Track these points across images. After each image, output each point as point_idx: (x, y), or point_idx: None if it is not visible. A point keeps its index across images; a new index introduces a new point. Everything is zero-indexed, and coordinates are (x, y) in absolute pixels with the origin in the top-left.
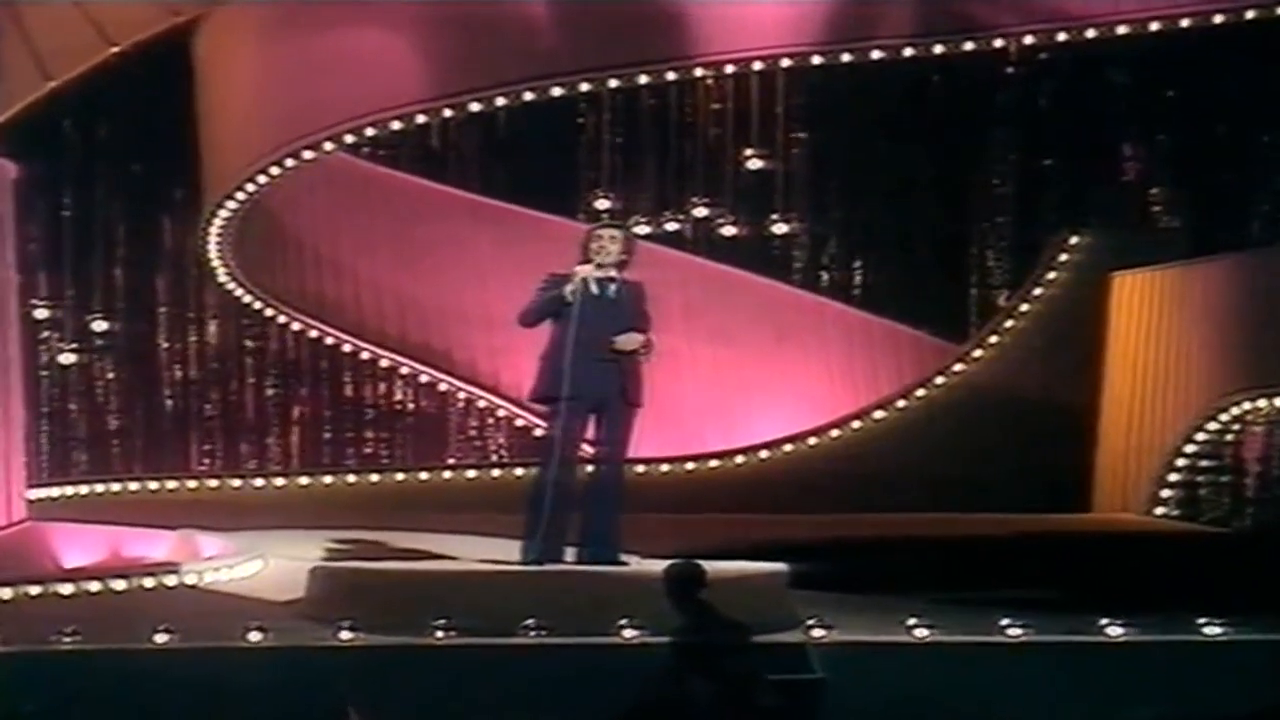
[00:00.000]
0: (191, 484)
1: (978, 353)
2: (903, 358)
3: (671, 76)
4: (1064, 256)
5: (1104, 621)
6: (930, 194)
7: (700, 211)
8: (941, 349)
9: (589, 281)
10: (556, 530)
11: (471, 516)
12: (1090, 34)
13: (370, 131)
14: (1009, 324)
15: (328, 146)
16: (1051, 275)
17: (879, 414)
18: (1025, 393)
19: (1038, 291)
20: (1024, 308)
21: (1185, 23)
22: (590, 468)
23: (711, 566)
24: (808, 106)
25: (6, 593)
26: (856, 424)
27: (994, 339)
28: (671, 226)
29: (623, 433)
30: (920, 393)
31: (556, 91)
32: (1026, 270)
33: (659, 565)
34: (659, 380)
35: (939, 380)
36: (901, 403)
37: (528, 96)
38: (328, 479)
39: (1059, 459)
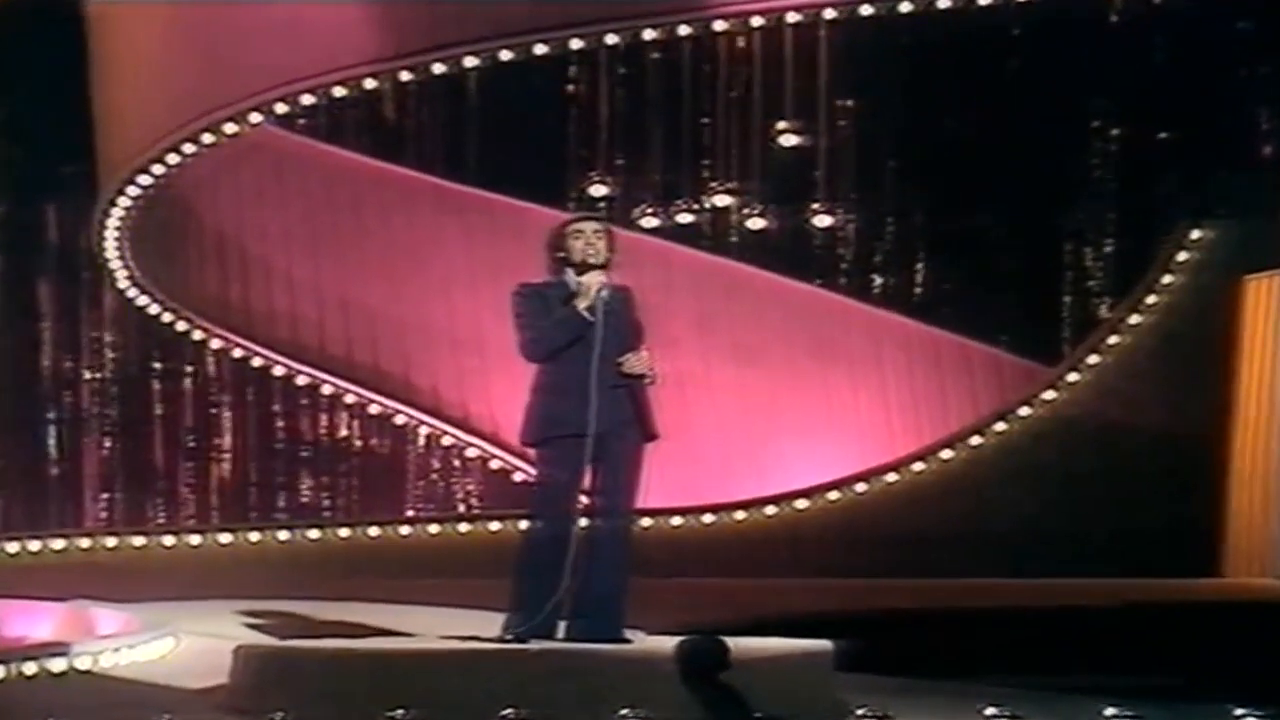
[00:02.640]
0: (84, 543)
1: (1073, 376)
2: (977, 383)
3: (685, 31)
4: (1184, 256)
5: (1239, 712)
6: (1012, 177)
7: (721, 200)
8: (1027, 371)
9: (605, 293)
10: (547, 598)
11: (435, 582)
12: None
13: (308, 100)
14: (1113, 340)
15: (254, 118)
16: (1168, 279)
17: (946, 454)
18: (1134, 426)
19: (1151, 300)
20: (1133, 320)
21: None
22: (588, 521)
23: (736, 643)
24: (856, 68)
25: None
26: (919, 466)
27: (1094, 359)
28: (685, 218)
29: (632, 476)
30: (1000, 427)
31: (540, 50)
32: (1136, 273)
33: (671, 642)
34: (669, 411)
35: (1024, 411)
36: (976, 440)
37: (505, 56)
38: (255, 536)
39: (1178, 510)
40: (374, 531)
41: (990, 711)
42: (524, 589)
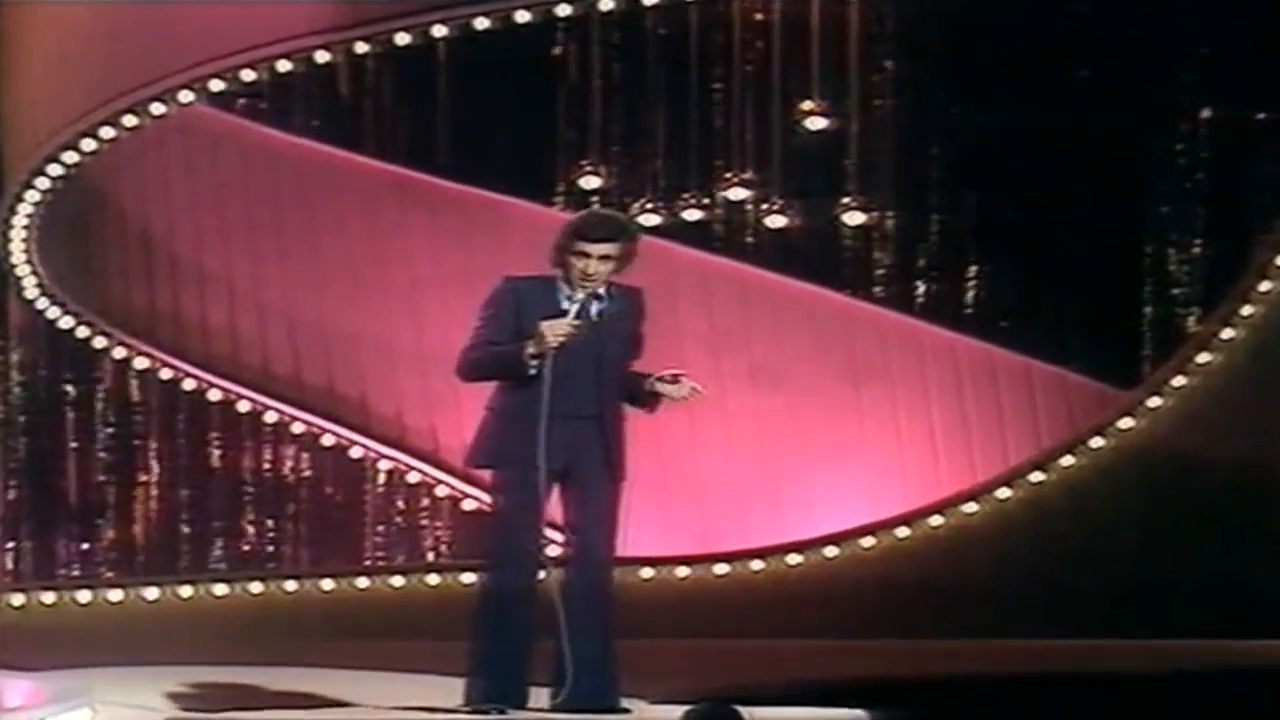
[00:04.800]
0: None
1: (1155, 401)
2: (1039, 409)
3: None
4: None
5: None
6: (1081, 166)
7: (735, 193)
8: (1099, 395)
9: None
10: (515, 660)
11: (399, 644)
12: None
13: (248, 76)
14: (1202, 359)
15: (185, 97)
16: (1266, 286)
17: (1003, 493)
18: (1227, 460)
19: (1246, 311)
20: (1225, 334)
21: None
22: (564, 574)
23: (753, 714)
24: (897, 35)
25: None
26: (970, 508)
27: (1180, 381)
28: (693, 215)
29: (606, 519)
30: (1067, 461)
31: (522, 17)
32: (1228, 279)
33: (677, 712)
34: (674, 442)
35: (1096, 443)
36: (1038, 476)
37: (481, 25)
38: (186, 591)
39: None
40: (327, 584)
41: None
42: (483, 648)
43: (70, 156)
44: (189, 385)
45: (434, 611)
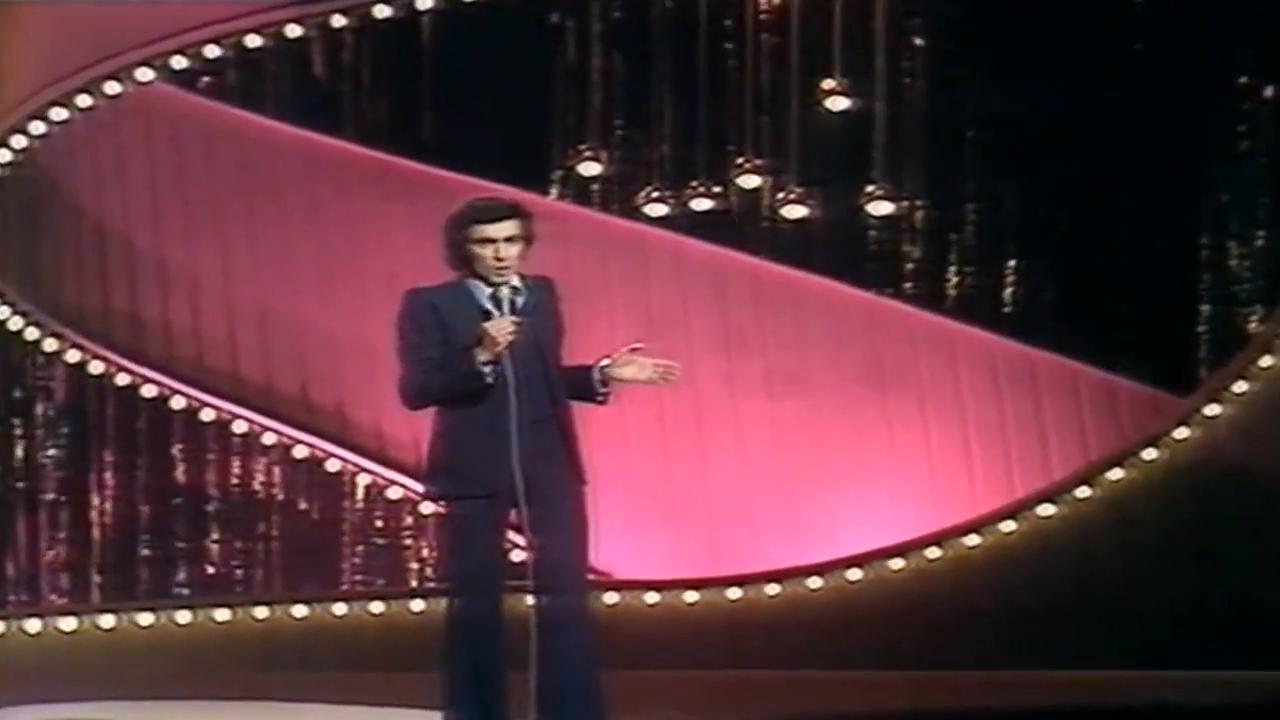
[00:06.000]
0: None
1: (1213, 409)
2: (1085, 417)
3: None
4: None
5: None
6: (1131, 150)
7: (749, 180)
8: (1152, 401)
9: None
10: (490, 695)
11: (379, 676)
12: None
13: (213, 52)
14: (1265, 362)
15: (144, 75)
16: None
17: (1045, 510)
18: None
19: None
20: None
21: None
22: (535, 599)
23: None
24: (929, 5)
25: None
26: (1008, 525)
27: (1240, 386)
28: (701, 205)
29: (576, 532)
30: (1115, 475)
31: None
32: None
33: None
34: (683, 456)
35: (1148, 454)
36: (1085, 491)
37: None
38: (144, 618)
39: None
40: (300, 611)
41: None
42: (453, 680)
43: (18, 141)
44: (149, 392)
45: (417, 640)
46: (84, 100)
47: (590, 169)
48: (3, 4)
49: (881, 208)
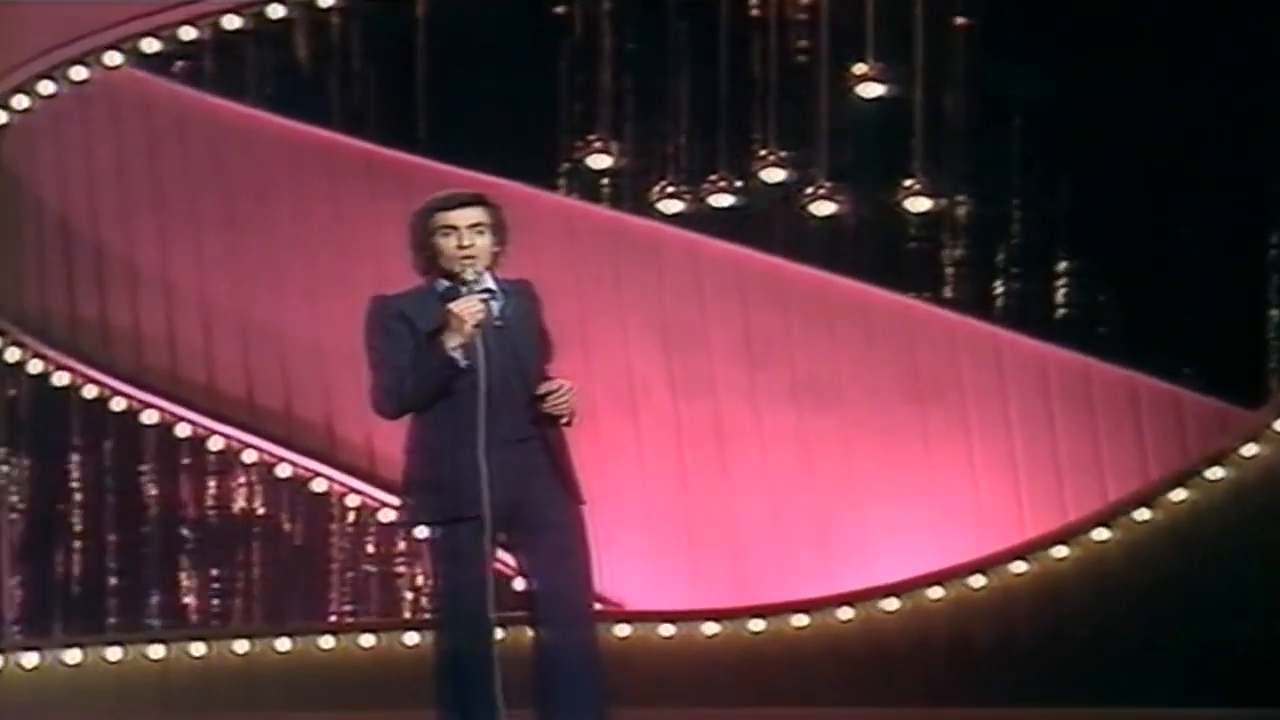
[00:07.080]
0: None
1: None
2: (1145, 433)
3: None
4: None
5: None
6: (1195, 145)
7: (773, 174)
8: (1218, 415)
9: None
10: None
11: (371, 716)
12: None
13: (189, 34)
14: None
15: (112, 60)
16: None
17: (1100, 534)
18: None
19: None
20: None
21: None
22: (534, 630)
23: None
24: None
25: None
26: (1060, 551)
27: None
28: (720, 201)
29: (575, 556)
30: (1178, 495)
31: None
32: None
33: None
34: (704, 476)
35: (1214, 473)
36: (1143, 513)
37: None
38: (114, 653)
39: None
40: (283, 645)
41: None
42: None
43: None
44: (118, 405)
45: (411, 676)
46: (47, 87)
47: (600, 161)
48: None
49: (919, 204)
